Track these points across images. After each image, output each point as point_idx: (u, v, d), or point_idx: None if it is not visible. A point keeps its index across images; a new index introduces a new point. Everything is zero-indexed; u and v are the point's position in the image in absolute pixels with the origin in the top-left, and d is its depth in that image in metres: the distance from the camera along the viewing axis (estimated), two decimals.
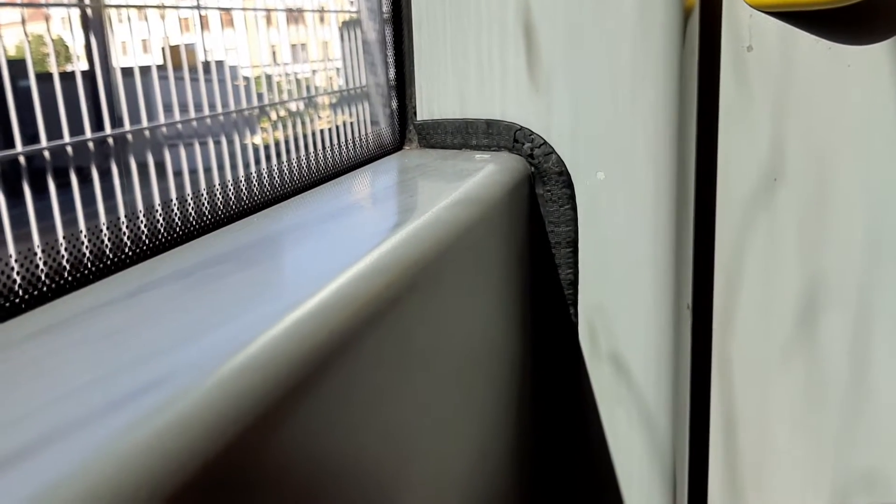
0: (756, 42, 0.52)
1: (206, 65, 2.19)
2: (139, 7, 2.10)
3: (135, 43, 2.01)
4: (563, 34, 0.48)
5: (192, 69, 2.13)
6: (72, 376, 0.22)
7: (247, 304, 0.28)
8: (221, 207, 0.38)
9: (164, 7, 2.12)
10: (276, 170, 0.42)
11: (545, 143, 0.49)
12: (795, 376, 0.54)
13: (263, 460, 0.22)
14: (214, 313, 0.27)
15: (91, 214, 1.81)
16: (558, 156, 0.49)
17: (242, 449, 0.21)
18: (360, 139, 0.51)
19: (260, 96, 2.43)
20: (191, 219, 0.36)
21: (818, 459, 0.55)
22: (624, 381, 0.51)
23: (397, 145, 0.55)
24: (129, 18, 2.05)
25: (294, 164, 0.45)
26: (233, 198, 0.39)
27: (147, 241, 0.33)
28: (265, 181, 0.42)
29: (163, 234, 0.34)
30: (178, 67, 2.16)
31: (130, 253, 0.32)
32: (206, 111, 2.17)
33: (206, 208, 0.37)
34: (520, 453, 0.50)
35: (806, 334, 0.53)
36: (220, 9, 2.49)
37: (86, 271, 0.30)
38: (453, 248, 0.37)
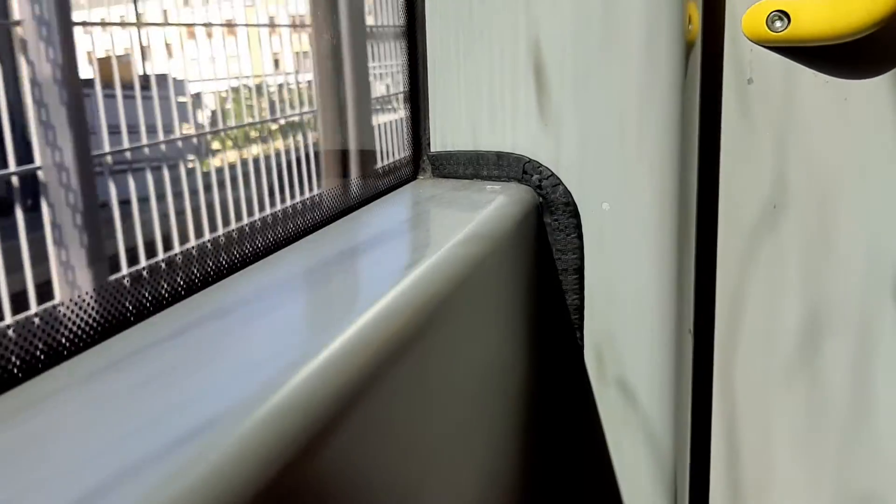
0: (757, 75, 0.53)
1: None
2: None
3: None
4: (571, 72, 0.49)
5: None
6: (114, 426, 0.23)
7: (269, 350, 0.29)
8: (228, 257, 0.37)
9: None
10: (297, 204, 0.43)
11: (553, 174, 0.50)
12: (796, 401, 0.56)
13: (297, 494, 0.24)
14: (233, 365, 0.28)
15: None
16: (565, 187, 0.50)
17: (278, 486, 0.23)
18: (379, 170, 0.53)
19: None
20: (199, 271, 0.35)
21: (819, 482, 0.56)
22: (630, 404, 0.52)
23: (412, 175, 0.57)
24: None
25: (314, 198, 0.46)
26: (249, 239, 0.39)
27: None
28: (284, 219, 0.43)
29: (167, 290, 0.33)
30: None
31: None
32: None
33: (213, 261, 0.36)
34: (528, 475, 0.51)
35: (807, 359, 0.55)
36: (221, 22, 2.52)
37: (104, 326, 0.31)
38: (466, 283, 0.39)
